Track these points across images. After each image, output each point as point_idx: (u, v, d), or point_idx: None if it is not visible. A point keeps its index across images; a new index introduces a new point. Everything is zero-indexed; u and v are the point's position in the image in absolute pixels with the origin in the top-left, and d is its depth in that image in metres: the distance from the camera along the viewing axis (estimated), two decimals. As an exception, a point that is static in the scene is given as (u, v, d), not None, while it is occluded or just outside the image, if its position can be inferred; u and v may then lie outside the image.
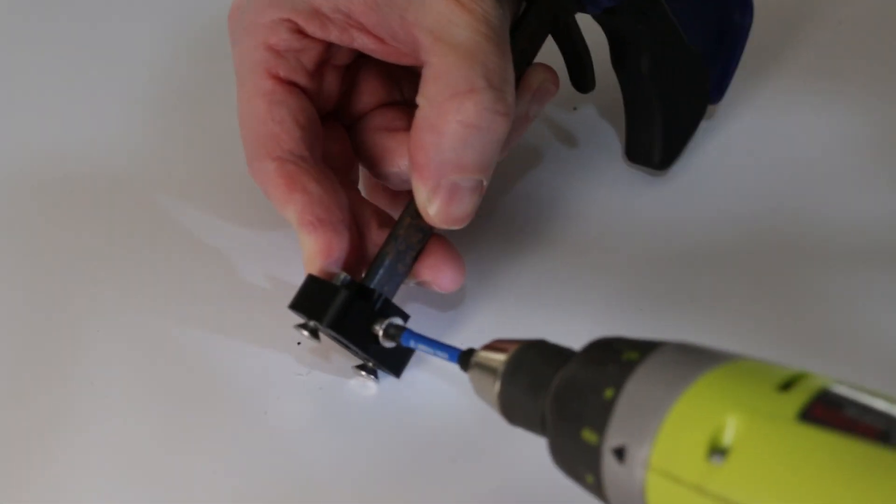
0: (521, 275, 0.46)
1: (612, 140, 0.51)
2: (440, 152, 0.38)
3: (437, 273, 0.42)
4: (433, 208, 0.39)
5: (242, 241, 0.48)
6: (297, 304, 0.40)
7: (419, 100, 0.39)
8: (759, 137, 0.50)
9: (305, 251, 0.41)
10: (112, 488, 0.41)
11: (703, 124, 0.49)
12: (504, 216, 0.49)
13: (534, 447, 0.34)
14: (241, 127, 0.42)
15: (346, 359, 0.44)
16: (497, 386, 0.34)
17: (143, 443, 0.42)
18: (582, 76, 0.45)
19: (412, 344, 0.40)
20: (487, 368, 0.35)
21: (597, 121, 0.52)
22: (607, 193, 0.49)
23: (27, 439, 0.43)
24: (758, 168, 0.49)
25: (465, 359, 0.37)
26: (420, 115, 0.38)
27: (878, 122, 0.50)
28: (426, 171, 0.39)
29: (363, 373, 0.42)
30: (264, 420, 0.43)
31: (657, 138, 0.47)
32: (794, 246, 0.46)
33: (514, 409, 0.33)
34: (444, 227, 0.40)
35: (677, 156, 0.48)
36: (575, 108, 0.52)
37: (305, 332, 0.40)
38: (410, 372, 0.43)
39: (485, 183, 0.39)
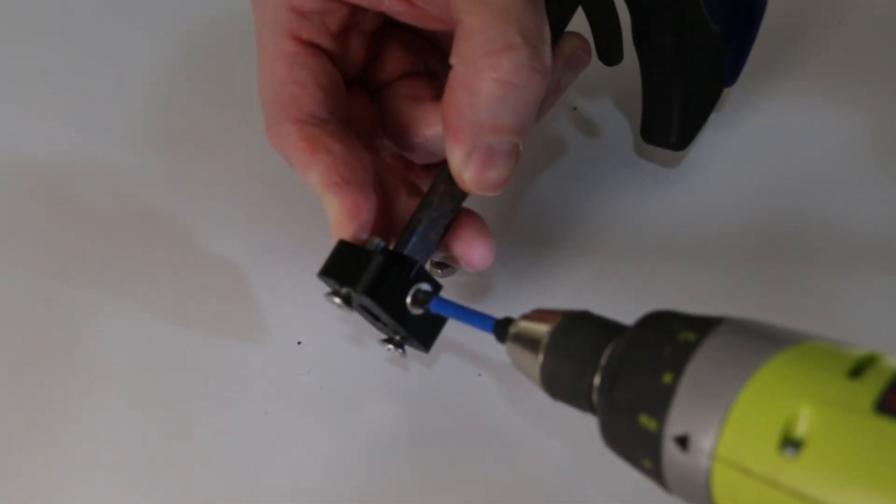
0: (531, 273, 0.46)
1: (619, 137, 0.50)
2: (476, 112, 0.36)
3: (469, 247, 0.40)
4: (468, 173, 0.37)
5: (242, 240, 0.48)
6: (328, 270, 0.38)
7: (452, 60, 0.37)
8: (766, 137, 0.50)
9: (332, 215, 0.39)
10: (112, 488, 0.41)
11: (712, 119, 0.48)
12: (511, 217, 0.48)
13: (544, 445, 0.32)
14: (260, 91, 0.40)
15: (347, 358, 0.43)
16: (540, 358, 0.33)
17: (144, 443, 0.42)
18: (609, 47, 0.43)
19: (442, 311, 0.38)
20: (528, 340, 0.33)
21: (604, 119, 0.51)
22: (616, 191, 0.48)
23: (27, 439, 0.43)
24: (765, 167, 0.49)
25: (502, 329, 0.35)
26: (454, 74, 0.37)
27: (882, 122, 0.49)
28: (461, 132, 0.37)
29: (390, 346, 0.39)
30: (265, 420, 0.43)
31: (675, 117, 0.45)
32: (802, 245, 0.46)
33: (558, 384, 0.32)
34: (479, 192, 0.38)
35: (692, 138, 0.46)
36: (575, 108, 0.51)
37: (337, 300, 0.38)
38: (411, 371, 0.42)
39: (521, 147, 0.38)
